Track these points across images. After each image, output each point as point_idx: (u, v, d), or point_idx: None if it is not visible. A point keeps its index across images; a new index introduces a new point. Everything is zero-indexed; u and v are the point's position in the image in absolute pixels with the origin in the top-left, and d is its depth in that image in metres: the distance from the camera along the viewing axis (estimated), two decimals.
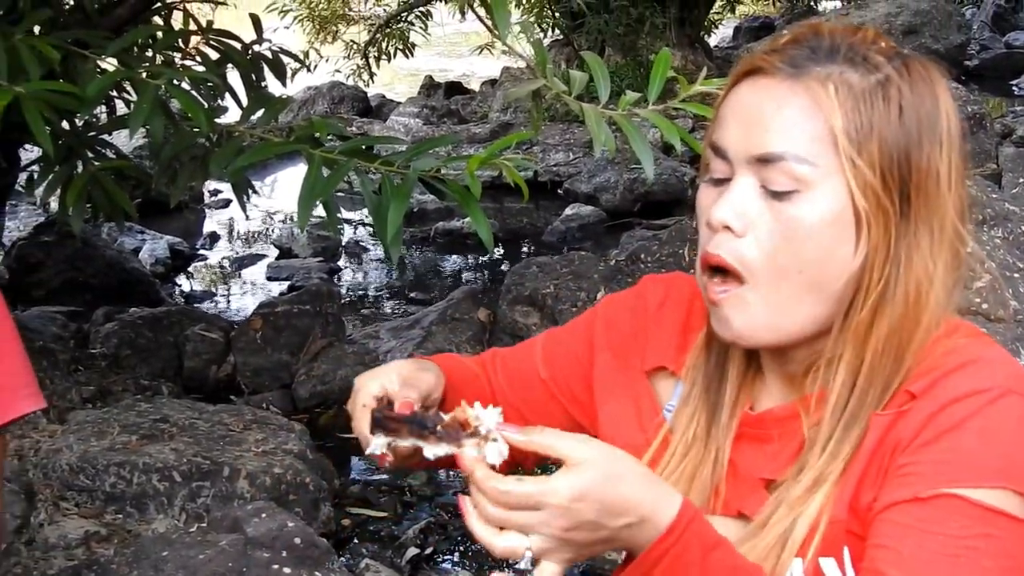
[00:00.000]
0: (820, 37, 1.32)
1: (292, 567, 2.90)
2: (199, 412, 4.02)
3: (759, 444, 1.39)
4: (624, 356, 1.57)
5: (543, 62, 2.30)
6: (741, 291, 1.31)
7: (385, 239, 2.78)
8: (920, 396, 1.28)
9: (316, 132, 3.01)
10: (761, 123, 1.29)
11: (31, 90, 2.65)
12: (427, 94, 11.60)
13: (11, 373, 1.80)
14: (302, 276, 6.41)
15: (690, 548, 1.21)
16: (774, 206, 1.28)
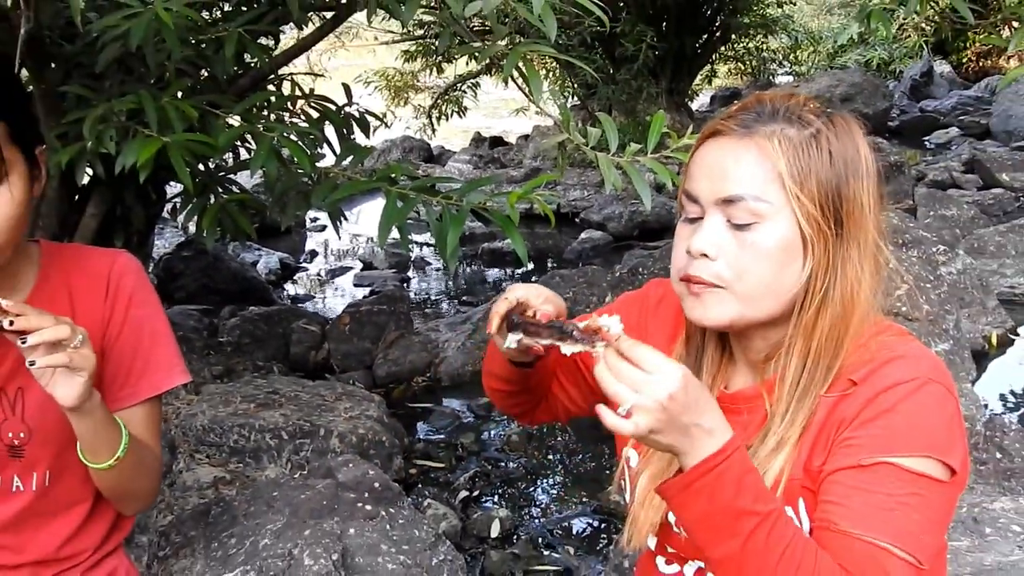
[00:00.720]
0: (763, 104, 1.37)
1: (372, 505, 2.89)
2: (302, 386, 4.02)
3: (732, 416, 1.39)
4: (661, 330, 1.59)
5: (567, 120, 2.29)
6: (717, 293, 1.35)
7: (445, 255, 2.77)
8: (860, 383, 1.31)
9: (392, 174, 3.01)
10: (724, 173, 1.33)
11: (176, 140, 2.65)
12: (476, 146, 11.61)
13: (167, 355, 1.80)
14: (380, 284, 6.41)
15: (733, 467, 1.23)
16: (738, 235, 1.32)
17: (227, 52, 2.91)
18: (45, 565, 1.80)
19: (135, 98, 2.75)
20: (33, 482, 1.75)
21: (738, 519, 1.22)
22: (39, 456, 1.73)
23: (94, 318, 1.73)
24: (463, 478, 3.79)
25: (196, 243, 5.96)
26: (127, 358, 1.75)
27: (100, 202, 3.32)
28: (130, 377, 1.75)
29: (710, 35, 10.88)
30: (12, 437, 1.71)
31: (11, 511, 1.75)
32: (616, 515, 3.50)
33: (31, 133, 1.62)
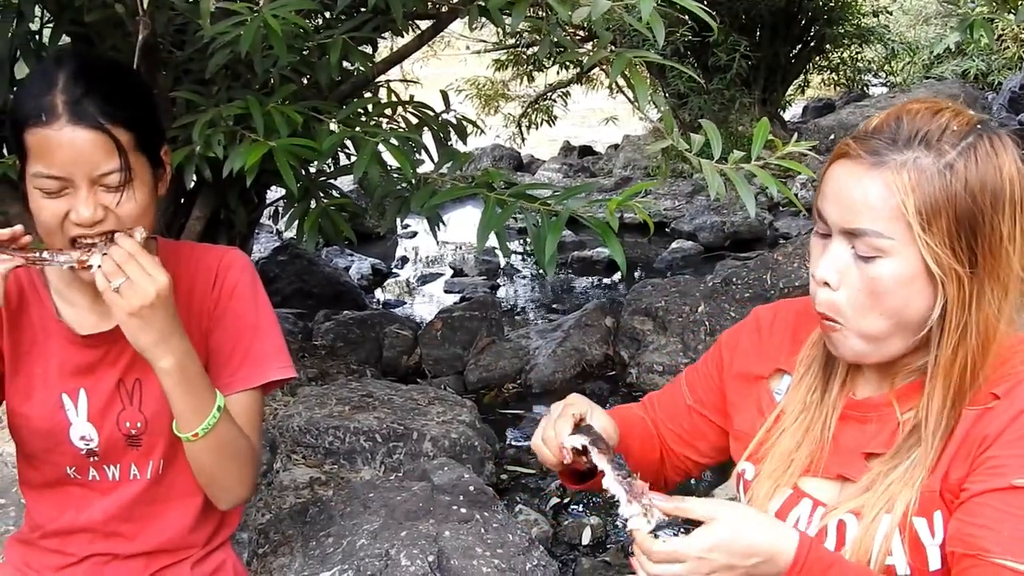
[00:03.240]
0: (900, 124, 1.32)
1: (467, 508, 2.91)
2: (395, 390, 4.06)
3: (860, 424, 1.43)
4: (745, 367, 1.63)
5: (670, 126, 2.29)
6: (846, 332, 1.36)
7: (543, 262, 2.78)
8: (1003, 397, 1.30)
9: (491, 180, 3.03)
10: (849, 204, 1.30)
11: (281, 144, 2.70)
12: (565, 155, 11.61)
13: (268, 349, 1.84)
14: (471, 290, 6.45)
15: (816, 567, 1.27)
16: (861, 266, 1.31)
17: (331, 59, 2.96)
18: (157, 556, 1.86)
19: (242, 103, 2.81)
20: (148, 470, 1.81)
21: None
22: (154, 444, 1.79)
23: (202, 308, 1.81)
24: (554, 485, 3.79)
25: (291, 247, 6.06)
26: (226, 348, 1.81)
27: (205, 205, 3.39)
28: (228, 366, 1.80)
29: (804, 45, 10.75)
30: (130, 427, 1.77)
31: (127, 497, 1.81)
32: None
33: (156, 137, 1.68)
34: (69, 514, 1.83)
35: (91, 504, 1.82)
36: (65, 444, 1.78)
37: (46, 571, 1.85)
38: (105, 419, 1.77)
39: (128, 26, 2.95)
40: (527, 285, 6.87)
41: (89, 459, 1.79)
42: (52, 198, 1.56)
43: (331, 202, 3.25)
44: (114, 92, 1.58)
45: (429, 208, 3.00)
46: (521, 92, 11.74)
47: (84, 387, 1.76)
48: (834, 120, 10.72)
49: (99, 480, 1.81)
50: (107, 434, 1.77)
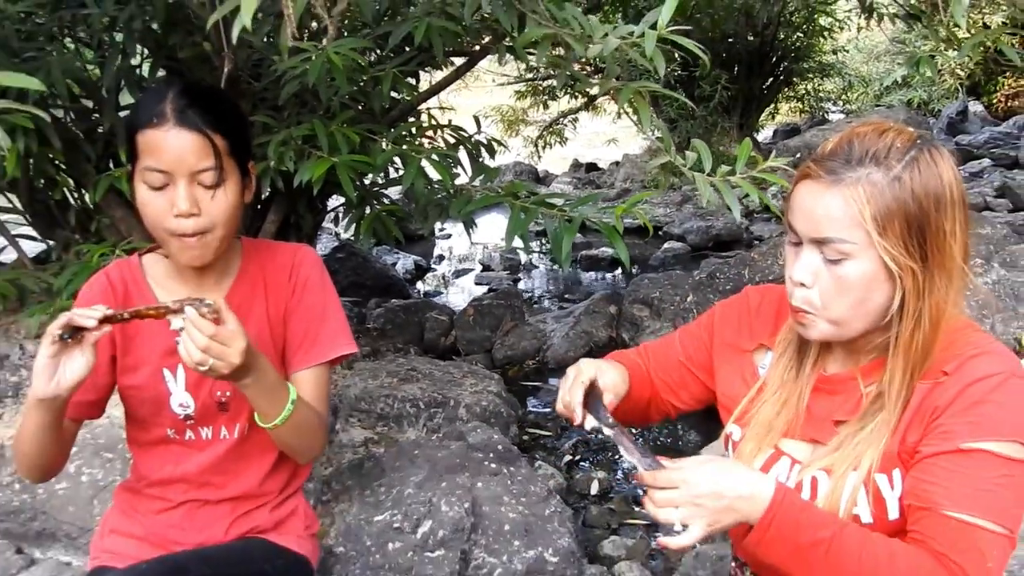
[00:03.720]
0: (852, 146, 1.31)
1: (496, 464, 2.90)
2: (435, 366, 4.05)
3: (829, 396, 1.42)
4: (733, 339, 1.64)
5: (669, 145, 2.27)
6: (814, 317, 1.36)
7: (560, 259, 2.76)
8: (951, 374, 1.31)
9: (516, 190, 3.01)
10: (815, 217, 1.30)
11: (342, 160, 2.69)
12: (574, 170, 11.58)
13: (335, 330, 1.85)
14: (497, 283, 6.43)
15: (786, 514, 1.28)
16: (830, 268, 1.31)
17: (383, 89, 2.94)
18: (242, 501, 1.86)
19: (309, 126, 2.81)
20: (235, 431, 1.81)
21: (811, 550, 1.27)
22: (240, 410, 1.79)
23: (280, 297, 1.81)
24: (567, 445, 3.78)
25: (347, 246, 6.05)
26: (301, 330, 1.81)
27: (278, 211, 3.39)
28: (303, 345, 1.81)
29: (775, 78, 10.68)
30: (220, 395, 1.77)
31: (218, 454, 1.81)
32: None
33: (246, 150, 1.68)
34: (168, 467, 1.83)
35: (187, 459, 1.82)
36: (166, 410, 1.78)
37: (149, 514, 1.86)
38: (200, 389, 1.77)
39: (214, 61, 2.95)
40: (544, 278, 6.84)
41: (186, 422, 1.79)
42: (156, 192, 1.58)
43: (383, 208, 3.24)
44: (213, 107, 1.61)
45: (464, 214, 2.98)
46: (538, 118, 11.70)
47: (182, 362, 1.76)
48: (800, 141, 10.65)
49: (194, 439, 1.82)
50: (201, 401, 1.78)
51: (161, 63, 3.15)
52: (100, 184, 2.97)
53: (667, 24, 1.98)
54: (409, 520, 2.59)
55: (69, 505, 2.69)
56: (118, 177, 2.96)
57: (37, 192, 3.43)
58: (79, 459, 2.77)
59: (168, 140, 1.55)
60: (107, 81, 3.08)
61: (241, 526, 1.85)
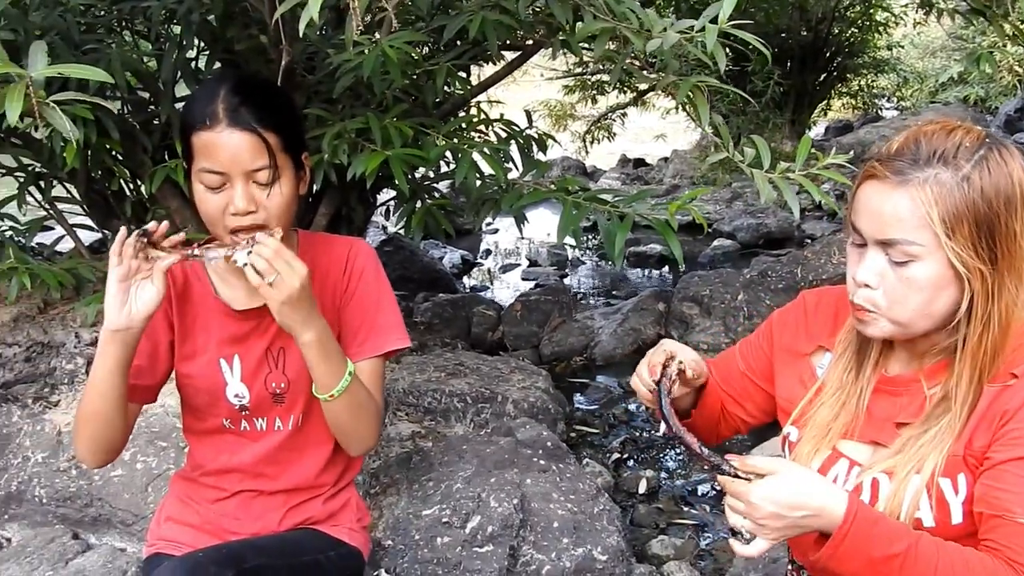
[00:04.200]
0: (919, 145, 1.28)
1: (545, 460, 2.90)
2: (482, 360, 4.05)
3: (891, 397, 1.40)
4: (791, 343, 1.62)
5: (727, 140, 2.24)
6: (877, 316, 1.34)
7: (612, 255, 2.75)
8: (1021, 377, 1.29)
9: (568, 185, 3.01)
10: (881, 218, 1.27)
11: (395, 153, 2.70)
12: (622, 166, 11.52)
13: (389, 323, 1.85)
14: (544, 278, 6.41)
15: (860, 528, 1.26)
16: (896, 269, 1.28)
17: (437, 82, 2.95)
18: (295, 493, 1.87)
19: (363, 119, 2.81)
20: (290, 422, 1.82)
21: (885, 563, 1.24)
22: (295, 402, 1.80)
23: (335, 289, 1.82)
24: (615, 442, 3.76)
25: (395, 240, 6.08)
26: (356, 322, 1.82)
27: (330, 203, 3.41)
28: (357, 337, 1.82)
29: (828, 74, 10.54)
30: (275, 386, 1.78)
31: (272, 445, 1.83)
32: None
33: (299, 143, 1.69)
34: (224, 457, 1.85)
35: (242, 449, 1.84)
36: (222, 400, 1.80)
37: (204, 503, 1.88)
38: (255, 380, 1.79)
39: (270, 54, 2.97)
40: (591, 275, 6.82)
41: (241, 413, 1.81)
42: (214, 192, 1.60)
43: (434, 202, 3.25)
44: (265, 103, 1.61)
45: (516, 208, 2.98)
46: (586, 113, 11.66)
47: (238, 353, 1.78)
48: (853, 139, 10.50)
49: (249, 430, 1.83)
50: (256, 392, 1.79)
51: (217, 56, 3.19)
52: (156, 175, 3.01)
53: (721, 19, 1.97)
54: (458, 515, 2.60)
55: (124, 492, 2.74)
56: (174, 168, 3.00)
57: (94, 183, 3.49)
58: (134, 447, 2.81)
59: (222, 141, 1.56)
60: (164, 73, 3.12)
61: (295, 517, 1.87)
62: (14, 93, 1.31)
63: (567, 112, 11.71)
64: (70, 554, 2.61)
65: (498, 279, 6.75)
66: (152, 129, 3.29)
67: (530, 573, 2.52)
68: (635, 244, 7.18)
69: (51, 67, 1.38)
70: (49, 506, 2.79)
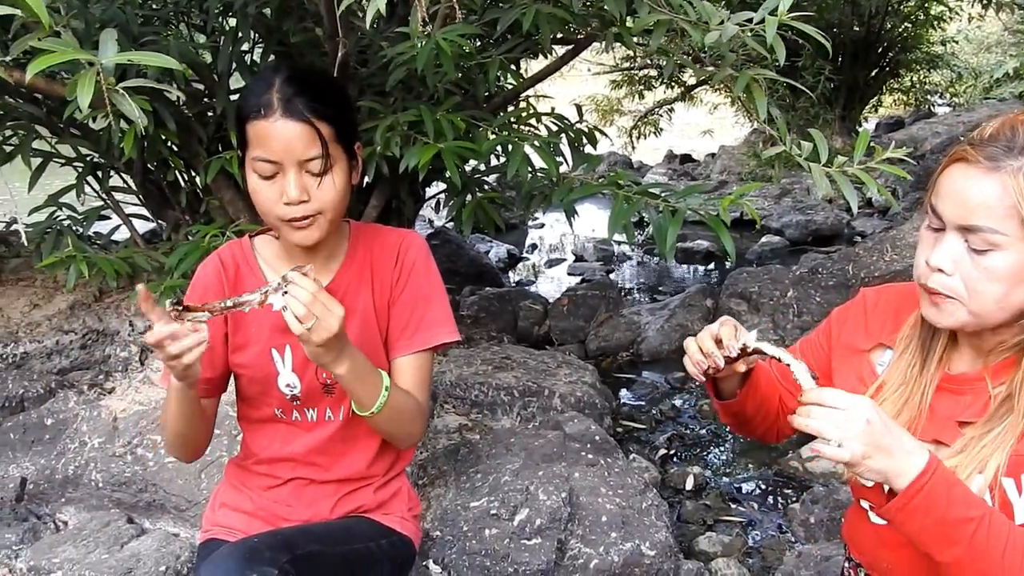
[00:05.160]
0: (1015, 134, 1.25)
1: (593, 454, 2.89)
2: (529, 354, 4.05)
3: (954, 396, 1.37)
4: (850, 340, 1.59)
5: (784, 134, 2.22)
6: (953, 303, 1.30)
7: (663, 250, 2.74)
8: None
9: (619, 180, 2.99)
10: (966, 203, 1.24)
11: (448, 146, 2.71)
12: (668, 161, 11.45)
13: (439, 317, 1.85)
14: (590, 273, 6.40)
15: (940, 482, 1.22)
16: (974, 257, 1.25)
17: (489, 75, 2.95)
18: (347, 482, 1.88)
19: (416, 112, 2.82)
20: (340, 413, 1.83)
21: (957, 527, 1.20)
22: (344, 393, 1.80)
23: (385, 281, 1.82)
24: (662, 438, 3.74)
25: (442, 233, 6.10)
26: (405, 315, 1.82)
27: (380, 196, 3.42)
28: (406, 330, 1.82)
29: (880, 69, 10.39)
30: (325, 377, 1.80)
31: (324, 436, 1.84)
32: (794, 479, 3.39)
33: (352, 134, 1.70)
34: (276, 445, 1.87)
35: (295, 439, 1.85)
36: (274, 389, 1.81)
37: (257, 489, 1.90)
38: (306, 370, 1.80)
39: (325, 46, 2.99)
40: (637, 270, 6.79)
41: (292, 403, 1.82)
42: (267, 181, 1.61)
43: (485, 195, 3.25)
44: (319, 94, 1.62)
45: (567, 202, 2.98)
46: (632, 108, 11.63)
47: (289, 343, 1.79)
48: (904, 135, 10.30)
49: (300, 420, 1.85)
50: (307, 382, 1.80)
51: (272, 48, 3.21)
52: (211, 166, 3.04)
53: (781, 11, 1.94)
54: (506, 507, 2.60)
55: (177, 478, 2.78)
56: (228, 160, 3.03)
57: (150, 173, 3.54)
58: None
59: (275, 131, 1.57)
60: (220, 65, 3.16)
61: (346, 505, 1.88)
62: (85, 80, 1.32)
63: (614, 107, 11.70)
64: (125, 538, 2.65)
65: (544, 274, 6.74)
66: (207, 121, 3.33)
67: (577, 567, 2.52)
68: (682, 240, 7.14)
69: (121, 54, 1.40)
70: (105, 490, 2.84)
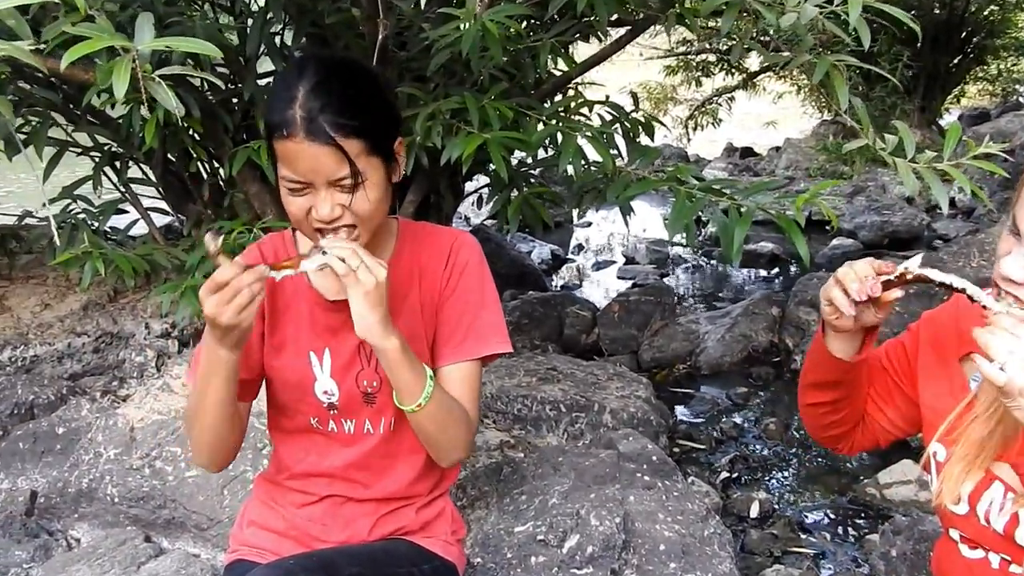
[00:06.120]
0: None
1: (650, 476, 2.87)
2: (576, 365, 4.04)
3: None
4: (940, 346, 1.57)
5: (867, 126, 2.20)
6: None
7: (729, 253, 2.73)
8: None
9: (680, 175, 2.98)
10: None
11: (494, 136, 2.71)
12: (728, 155, 11.39)
13: (489, 325, 1.86)
14: (642, 277, 6.39)
15: None
16: None
17: (540, 60, 2.96)
18: (387, 501, 1.89)
19: (459, 99, 2.83)
20: (381, 426, 1.84)
21: None
22: (386, 404, 1.82)
23: (434, 283, 1.84)
24: (723, 460, 3.72)
25: (482, 231, 6.12)
26: (454, 320, 1.83)
27: (418, 190, 3.44)
28: (454, 337, 1.83)
29: (964, 56, 10.26)
30: (367, 385, 1.80)
31: (364, 450, 1.85)
32: (871, 507, 3.35)
33: (389, 138, 1.68)
34: (312, 458, 1.88)
35: (331, 452, 1.86)
36: (310, 396, 1.83)
37: (290, 507, 1.91)
38: (346, 376, 1.81)
39: (361, 28, 3.01)
40: (694, 274, 6.76)
41: (330, 412, 1.83)
42: (298, 195, 1.62)
43: (532, 190, 3.25)
44: (347, 105, 1.59)
45: (623, 199, 2.97)
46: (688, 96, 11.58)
47: (329, 346, 1.80)
48: (991, 128, 10.20)
49: (337, 432, 1.86)
50: (346, 390, 1.81)
51: (304, 30, 3.24)
52: (237, 157, 3.08)
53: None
54: (554, 533, 2.59)
55: (199, 494, 2.80)
56: (255, 150, 3.06)
57: (171, 164, 3.59)
58: None
59: (300, 153, 1.58)
60: (248, 48, 3.19)
61: (385, 526, 1.89)
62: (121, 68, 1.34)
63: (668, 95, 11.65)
64: (142, 558, 2.68)
65: (591, 277, 6.74)
66: (233, 108, 3.36)
67: None
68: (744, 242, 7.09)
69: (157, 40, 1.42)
70: (121, 506, 2.87)
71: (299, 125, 1.56)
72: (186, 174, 3.56)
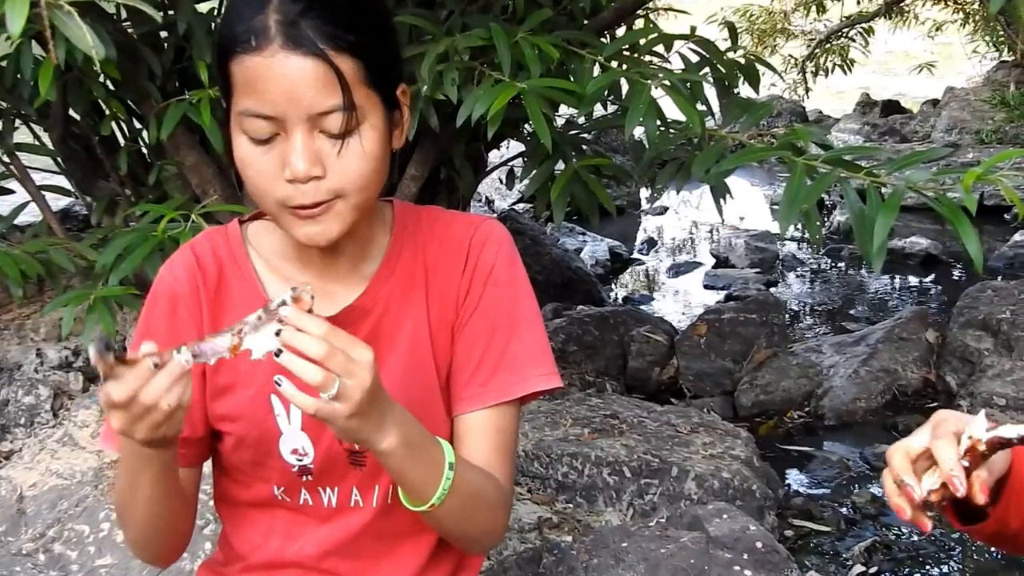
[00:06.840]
0: None
1: (753, 570, 2.87)
2: (647, 411, 4.05)
3: None
4: None
5: None
6: None
7: (869, 252, 2.71)
8: None
9: (797, 140, 2.97)
10: None
11: (533, 86, 2.71)
12: (863, 111, 11.36)
13: (529, 349, 1.79)
14: (739, 286, 6.38)
15: None
16: None
17: None
18: None
19: (483, 32, 2.83)
20: (374, 497, 1.82)
21: None
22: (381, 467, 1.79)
23: (448, 294, 1.79)
24: (857, 548, 3.72)
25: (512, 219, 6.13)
26: (478, 347, 1.78)
27: (423, 162, 3.45)
28: (479, 372, 1.78)
29: None
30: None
31: (349, 530, 1.83)
32: None
33: (392, 71, 1.66)
34: (275, 543, 1.87)
35: (304, 534, 1.86)
36: (273, 457, 1.81)
37: None
38: (323, 429, 1.79)
39: None
40: (813, 282, 6.77)
41: (301, 478, 1.82)
42: (262, 146, 1.57)
43: (585, 162, 3.24)
44: (340, 11, 1.56)
45: (716, 175, 2.97)
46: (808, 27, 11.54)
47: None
48: None
49: (312, 505, 1.85)
50: (324, 448, 1.79)
51: None
52: (168, 115, 3.09)
53: None
54: None
55: None
56: (194, 104, 3.08)
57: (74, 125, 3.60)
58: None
59: (273, 72, 1.52)
60: None
61: None
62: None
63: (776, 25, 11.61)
64: None
65: (666, 285, 6.76)
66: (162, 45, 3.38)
67: None
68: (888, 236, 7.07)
69: None
70: None
71: (275, 31, 1.51)
72: (95, 139, 3.58)
